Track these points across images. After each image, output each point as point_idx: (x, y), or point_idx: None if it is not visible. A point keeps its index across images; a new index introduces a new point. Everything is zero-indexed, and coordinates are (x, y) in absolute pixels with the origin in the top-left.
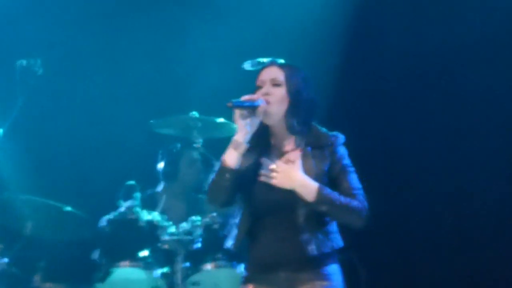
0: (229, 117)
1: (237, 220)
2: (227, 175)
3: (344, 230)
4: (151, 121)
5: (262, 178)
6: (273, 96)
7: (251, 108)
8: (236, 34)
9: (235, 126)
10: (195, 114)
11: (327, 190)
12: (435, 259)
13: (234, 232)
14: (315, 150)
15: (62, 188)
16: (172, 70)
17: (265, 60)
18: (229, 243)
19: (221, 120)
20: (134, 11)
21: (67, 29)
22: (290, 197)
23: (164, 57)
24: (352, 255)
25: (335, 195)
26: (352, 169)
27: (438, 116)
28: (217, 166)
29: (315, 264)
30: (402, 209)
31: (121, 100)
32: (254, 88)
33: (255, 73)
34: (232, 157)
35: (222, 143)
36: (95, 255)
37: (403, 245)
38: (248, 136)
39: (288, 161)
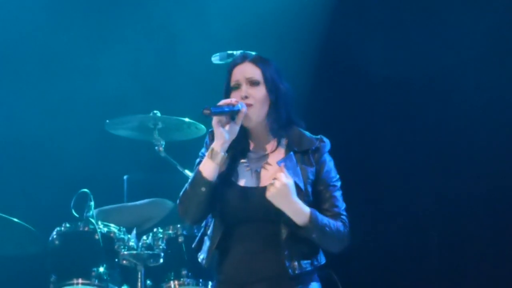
0: (195, 116)
1: (209, 231)
2: (203, 188)
3: None
4: (107, 121)
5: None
6: (253, 98)
7: (231, 114)
8: (204, 25)
9: (201, 126)
10: (156, 113)
11: (319, 217)
12: (420, 276)
13: (207, 244)
14: (299, 154)
15: (6, 197)
16: (132, 65)
17: (235, 52)
18: (201, 257)
19: (186, 119)
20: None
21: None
22: (269, 204)
23: (124, 50)
24: (330, 271)
25: (325, 221)
26: (338, 184)
27: (420, 117)
28: (191, 177)
29: (294, 283)
30: (382, 222)
31: (74, 99)
32: (225, 86)
33: (224, 67)
34: (209, 168)
35: (187, 146)
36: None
37: (384, 261)
38: (227, 145)
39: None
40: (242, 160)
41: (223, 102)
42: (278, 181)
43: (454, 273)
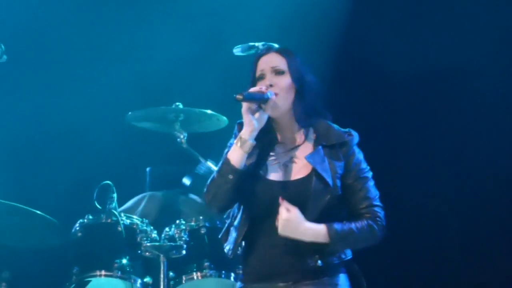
0: (217, 108)
1: (236, 222)
2: (231, 176)
3: None
4: (129, 113)
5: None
6: (278, 86)
7: (262, 101)
8: (222, 19)
9: (223, 118)
10: (178, 105)
11: (338, 229)
12: (440, 270)
13: (233, 236)
14: (327, 148)
15: (29, 190)
16: (153, 58)
17: (257, 44)
18: (226, 248)
19: (208, 111)
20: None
21: (35, 12)
22: (297, 198)
23: (144, 44)
24: (354, 265)
25: (346, 229)
26: (369, 175)
27: (441, 115)
28: (219, 165)
29: (321, 275)
30: (402, 214)
31: (95, 91)
32: (251, 77)
33: (246, 59)
34: (237, 156)
35: (208, 138)
36: (68, 263)
37: (406, 255)
38: (255, 133)
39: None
40: (270, 153)
41: (253, 89)
42: (280, 219)
43: (474, 264)
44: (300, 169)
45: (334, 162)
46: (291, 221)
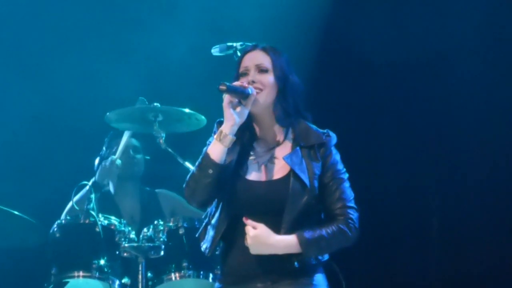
0: (195, 108)
1: (213, 221)
2: (210, 171)
3: None
4: (107, 113)
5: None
6: (261, 83)
7: (243, 96)
8: (201, 17)
9: (201, 117)
10: (156, 105)
11: (308, 237)
12: (421, 267)
13: (210, 234)
14: (305, 149)
15: (7, 189)
16: (131, 57)
17: (235, 44)
18: (204, 246)
19: (186, 110)
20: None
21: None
22: (275, 197)
23: (123, 42)
24: (333, 264)
25: (317, 236)
26: (345, 176)
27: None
28: (199, 160)
29: (299, 274)
30: (382, 211)
31: (75, 91)
32: (235, 73)
33: (224, 59)
34: (217, 150)
35: (187, 138)
36: (46, 264)
37: (386, 253)
38: (236, 128)
39: (274, 159)
40: (250, 152)
41: (236, 83)
42: (248, 238)
43: (455, 261)
44: (278, 170)
45: (312, 162)
46: (260, 238)
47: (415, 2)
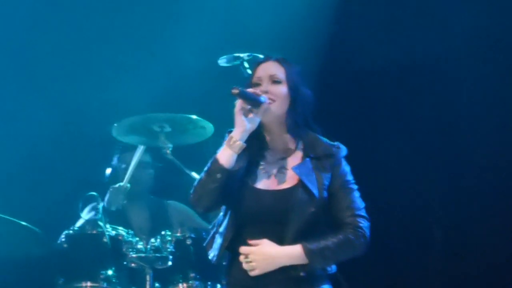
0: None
1: (221, 229)
2: (218, 175)
3: None
4: (115, 124)
5: (245, 266)
6: (274, 93)
7: (255, 103)
8: (208, 27)
9: (208, 124)
10: (163, 114)
11: (313, 246)
12: (427, 278)
13: (218, 242)
14: (315, 160)
15: (14, 200)
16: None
17: (242, 55)
18: (211, 255)
19: (193, 117)
20: (94, 7)
21: (21, 23)
22: (282, 207)
23: (129, 53)
24: (339, 276)
25: (323, 245)
26: (354, 186)
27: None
28: (207, 165)
29: (303, 285)
30: (386, 220)
31: (82, 102)
32: (248, 83)
33: (231, 70)
34: (226, 156)
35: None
36: (53, 274)
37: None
38: (246, 134)
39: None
40: (260, 162)
41: (249, 90)
42: (254, 256)
43: (458, 269)
44: (287, 180)
45: (321, 173)
46: (263, 250)
47: (417, 7)
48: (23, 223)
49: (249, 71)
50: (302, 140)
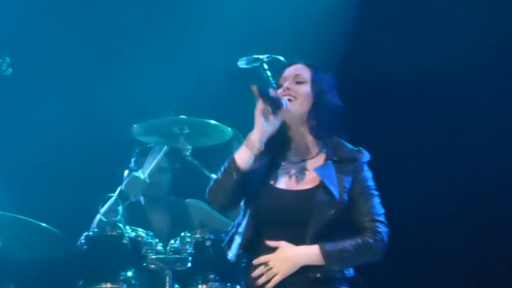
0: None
1: (240, 229)
2: (234, 175)
3: None
4: (134, 125)
5: (262, 280)
6: (296, 92)
7: (276, 105)
8: (227, 29)
9: (227, 129)
10: (183, 117)
11: (330, 247)
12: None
13: (237, 242)
14: (337, 163)
15: (34, 202)
16: (154, 71)
17: (261, 56)
18: (230, 255)
19: (212, 122)
20: (113, 10)
21: (38, 25)
22: (302, 207)
23: (148, 57)
24: (360, 279)
25: (340, 247)
26: (375, 192)
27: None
28: (224, 164)
29: (320, 286)
30: (405, 224)
31: (101, 104)
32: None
33: (251, 71)
34: (244, 157)
35: (213, 151)
36: (73, 276)
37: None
38: (265, 137)
39: (304, 171)
40: (282, 162)
41: (271, 91)
42: (269, 260)
43: (478, 275)
44: (308, 181)
45: (343, 177)
46: (282, 250)
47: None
48: (44, 224)
49: (269, 73)
50: (326, 143)
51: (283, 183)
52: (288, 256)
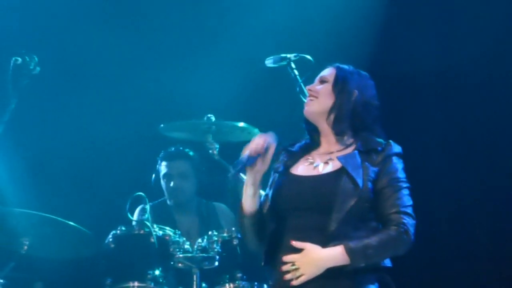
0: (249, 120)
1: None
2: (246, 221)
3: None
4: (162, 125)
5: (288, 277)
6: (315, 91)
7: (248, 163)
8: (253, 32)
9: (255, 130)
10: (210, 117)
11: (353, 244)
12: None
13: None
14: (364, 153)
15: (62, 201)
16: (184, 70)
17: (288, 55)
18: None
19: (240, 124)
20: (143, 10)
21: (68, 23)
22: (323, 191)
23: (177, 57)
24: (387, 277)
25: (364, 244)
26: (404, 184)
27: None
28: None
29: (347, 281)
30: (430, 224)
31: (128, 103)
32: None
33: (278, 70)
34: (247, 202)
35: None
36: (100, 274)
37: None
38: (257, 180)
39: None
40: (307, 156)
41: (243, 156)
42: (295, 260)
43: (505, 274)
44: (330, 167)
45: (368, 165)
46: (308, 252)
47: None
48: (71, 223)
49: (296, 72)
50: (355, 138)
51: (304, 171)
52: (314, 259)
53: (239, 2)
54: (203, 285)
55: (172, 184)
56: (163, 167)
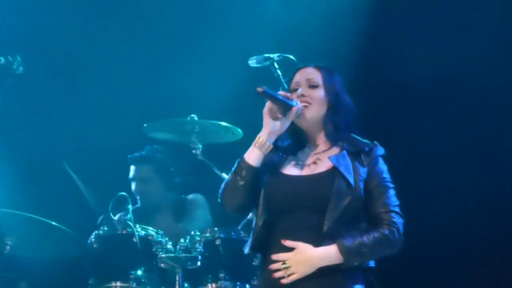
0: (232, 121)
1: (253, 224)
2: (244, 173)
3: None
4: (145, 125)
5: (278, 274)
6: (311, 97)
7: (284, 105)
8: (237, 31)
9: (238, 131)
10: (194, 117)
11: (349, 244)
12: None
13: (251, 236)
14: (353, 154)
15: (46, 201)
16: (168, 70)
17: (272, 55)
18: (246, 249)
19: (223, 124)
20: (126, 11)
21: (51, 23)
22: (318, 191)
23: (160, 57)
24: (370, 276)
25: (357, 242)
26: (391, 185)
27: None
28: (235, 165)
29: (336, 280)
30: (425, 225)
31: (112, 104)
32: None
33: (261, 70)
34: (253, 156)
35: (223, 149)
36: (83, 274)
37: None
38: (273, 136)
39: (318, 160)
40: (294, 156)
41: (281, 92)
42: (287, 259)
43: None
44: (322, 167)
45: (358, 166)
46: (300, 251)
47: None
48: (54, 223)
49: (279, 72)
50: (342, 142)
51: (295, 171)
52: (307, 258)
53: (222, 3)
54: (186, 285)
55: (134, 188)
56: (130, 171)
